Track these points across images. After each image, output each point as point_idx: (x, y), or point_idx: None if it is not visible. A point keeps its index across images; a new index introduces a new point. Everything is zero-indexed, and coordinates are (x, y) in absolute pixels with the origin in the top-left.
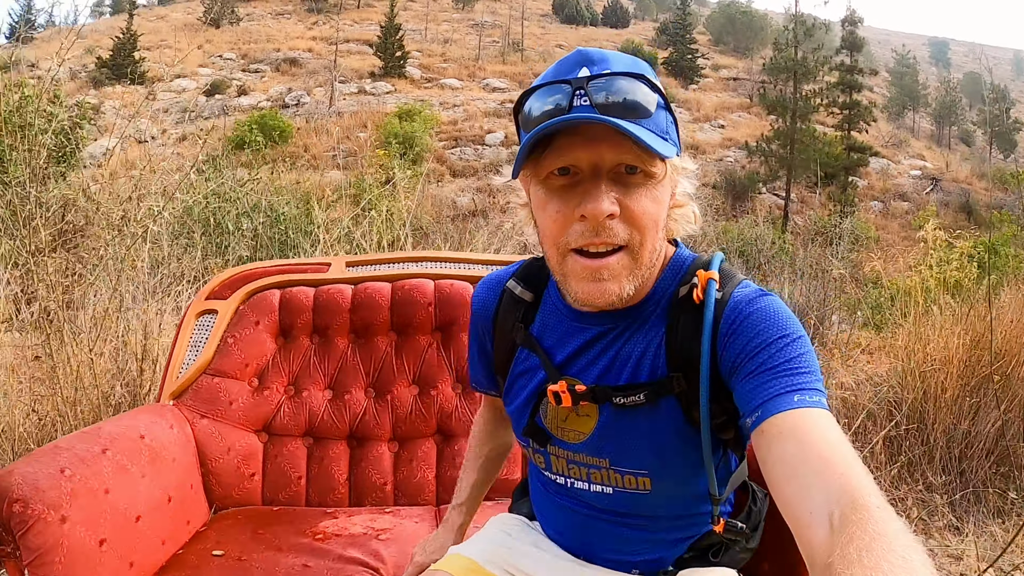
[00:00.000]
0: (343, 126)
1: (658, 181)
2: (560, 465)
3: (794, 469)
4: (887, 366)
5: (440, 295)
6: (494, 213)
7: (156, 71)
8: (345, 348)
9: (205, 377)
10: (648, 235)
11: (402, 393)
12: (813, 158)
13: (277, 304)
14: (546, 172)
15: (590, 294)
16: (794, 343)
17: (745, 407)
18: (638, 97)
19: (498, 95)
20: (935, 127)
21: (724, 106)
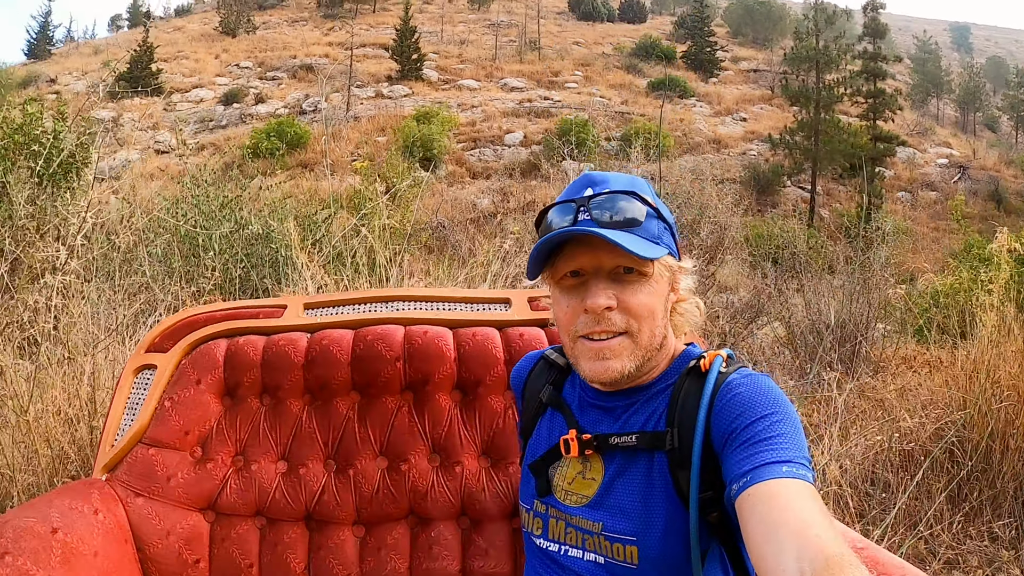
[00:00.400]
0: (361, 131)
1: (652, 279)
2: (558, 530)
3: (773, 530)
4: (942, 390)
5: (411, 346)
6: (507, 217)
7: (174, 82)
8: (300, 412)
9: (140, 447)
10: (644, 322)
11: (367, 467)
12: (838, 149)
13: (222, 358)
14: (560, 275)
15: (595, 371)
16: (784, 420)
17: (734, 474)
18: (630, 211)
19: (516, 94)
20: (959, 114)
21: (745, 99)
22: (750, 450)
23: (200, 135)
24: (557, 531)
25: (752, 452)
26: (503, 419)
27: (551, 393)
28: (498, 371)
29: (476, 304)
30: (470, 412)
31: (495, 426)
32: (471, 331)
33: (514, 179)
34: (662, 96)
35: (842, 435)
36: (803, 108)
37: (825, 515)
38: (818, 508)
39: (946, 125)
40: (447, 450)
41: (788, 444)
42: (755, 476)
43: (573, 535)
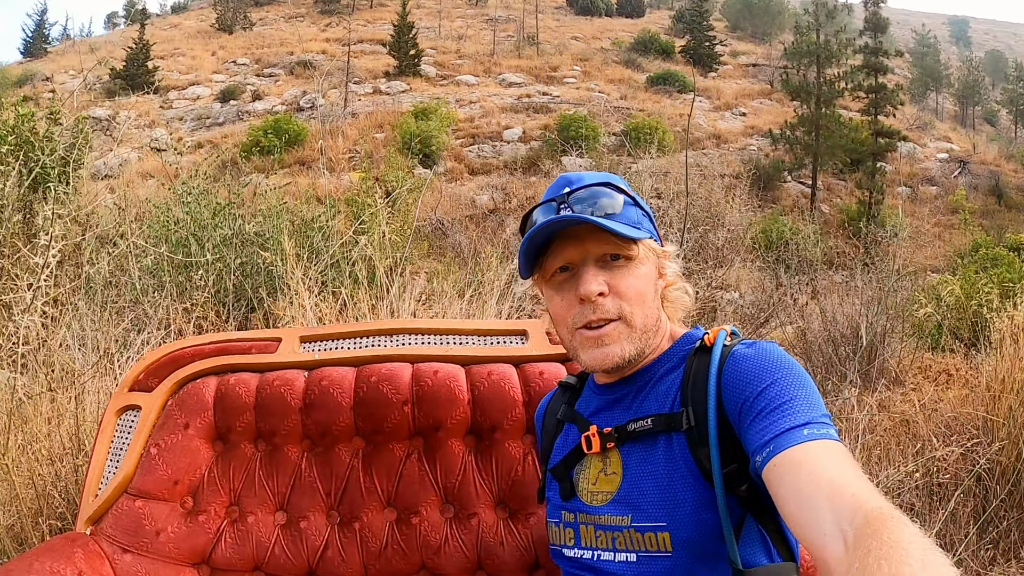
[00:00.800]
0: (359, 127)
1: (639, 261)
2: (588, 536)
3: (806, 495)
4: (965, 408)
5: (420, 388)
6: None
7: (170, 79)
8: (298, 459)
9: (126, 498)
10: (636, 305)
11: (374, 520)
12: (839, 144)
13: (211, 399)
14: (550, 272)
15: (595, 359)
16: (796, 382)
17: (755, 445)
18: (608, 201)
19: (515, 90)
20: (958, 108)
21: (745, 93)
22: (768, 419)
23: (197, 133)
24: (588, 537)
25: (770, 420)
26: (522, 466)
27: (565, 410)
28: (516, 414)
29: (490, 337)
30: (486, 459)
31: (514, 474)
32: (486, 369)
33: (513, 175)
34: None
35: (866, 456)
36: (803, 103)
37: (856, 471)
38: (848, 465)
39: (945, 119)
40: (461, 500)
41: (804, 405)
42: (777, 444)
43: (604, 537)
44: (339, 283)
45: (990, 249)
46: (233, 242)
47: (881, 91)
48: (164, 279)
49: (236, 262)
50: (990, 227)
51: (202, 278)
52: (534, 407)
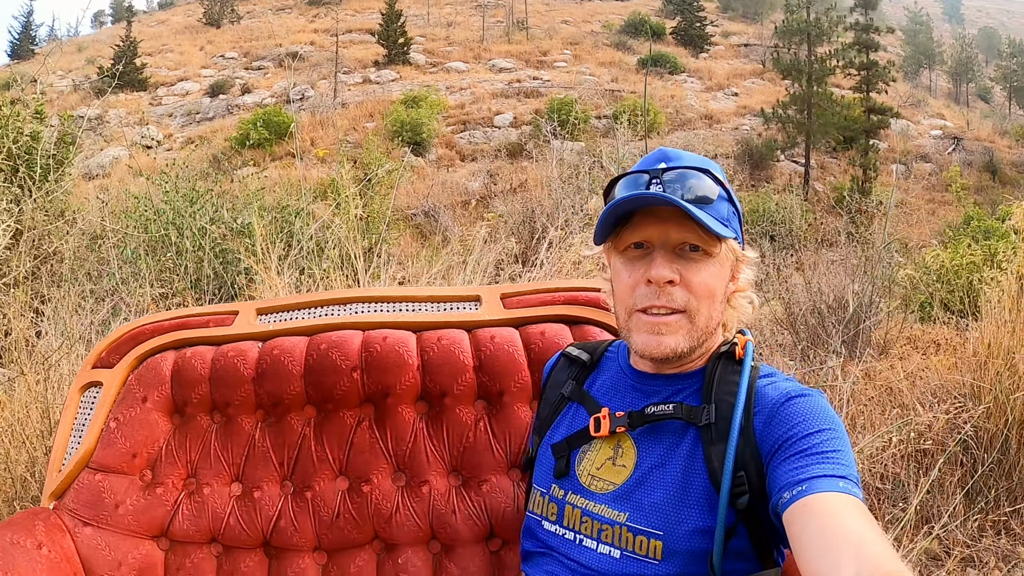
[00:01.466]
0: (349, 117)
1: (717, 259)
2: (574, 518)
3: (831, 544)
4: (951, 374)
5: (369, 355)
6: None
7: (159, 76)
8: (252, 429)
9: (87, 473)
10: (703, 302)
11: (326, 489)
12: (832, 122)
13: (168, 373)
14: (624, 245)
15: (649, 346)
16: (840, 439)
17: (786, 481)
18: (702, 187)
19: (505, 75)
20: (952, 85)
21: (736, 73)
22: (806, 459)
23: (187, 128)
24: (573, 518)
25: (809, 462)
26: (473, 432)
27: (573, 387)
28: (466, 379)
29: (443, 303)
30: (437, 426)
31: (465, 441)
32: (436, 335)
33: (505, 160)
34: (648, 72)
35: (849, 425)
36: (795, 81)
37: (881, 534)
38: (874, 526)
39: (939, 96)
40: (412, 468)
41: (844, 461)
42: (811, 486)
43: (590, 524)
44: (316, 267)
45: (981, 221)
46: (211, 229)
47: (873, 68)
48: (141, 265)
49: (216, 249)
50: (984, 202)
51: (180, 265)
52: (485, 372)
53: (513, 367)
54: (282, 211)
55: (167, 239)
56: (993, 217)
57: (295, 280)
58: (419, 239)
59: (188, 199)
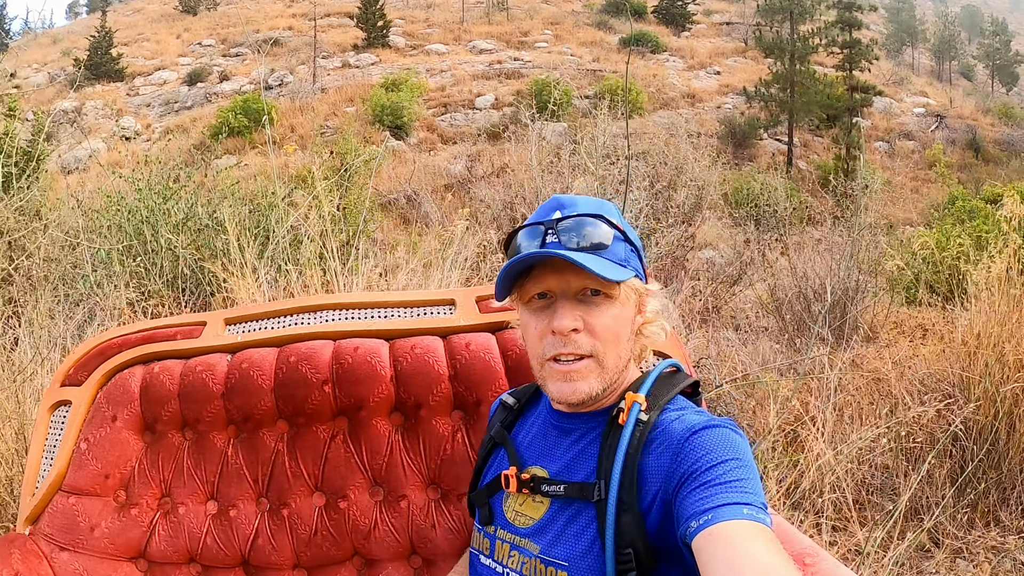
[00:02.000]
0: (329, 102)
1: (618, 301)
2: (502, 552)
3: (735, 571)
4: (940, 363)
5: (340, 367)
6: (480, 183)
7: (135, 66)
8: (224, 446)
9: (60, 496)
10: (609, 345)
11: (302, 506)
12: (815, 100)
13: (137, 390)
14: (528, 297)
15: (563, 393)
16: (745, 467)
17: (692, 511)
18: (596, 234)
19: (486, 56)
20: (935, 63)
21: (718, 52)
22: (712, 490)
23: (165, 118)
24: (501, 552)
25: (714, 492)
26: (451, 444)
27: (498, 430)
28: (442, 389)
29: (416, 309)
30: (413, 438)
31: (443, 453)
32: (409, 343)
33: (487, 143)
34: (631, 51)
35: (837, 416)
36: (778, 60)
37: (787, 560)
38: (778, 552)
39: (921, 74)
40: (390, 482)
41: (750, 489)
42: (716, 516)
43: (516, 558)
44: (294, 262)
45: (967, 202)
46: (187, 226)
47: (856, 46)
48: (116, 269)
49: (193, 246)
50: (968, 181)
51: (156, 264)
52: (461, 381)
53: (490, 375)
54: (258, 206)
55: (142, 237)
56: (978, 197)
57: (272, 278)
58: (401, 224)
59: (162, 195)
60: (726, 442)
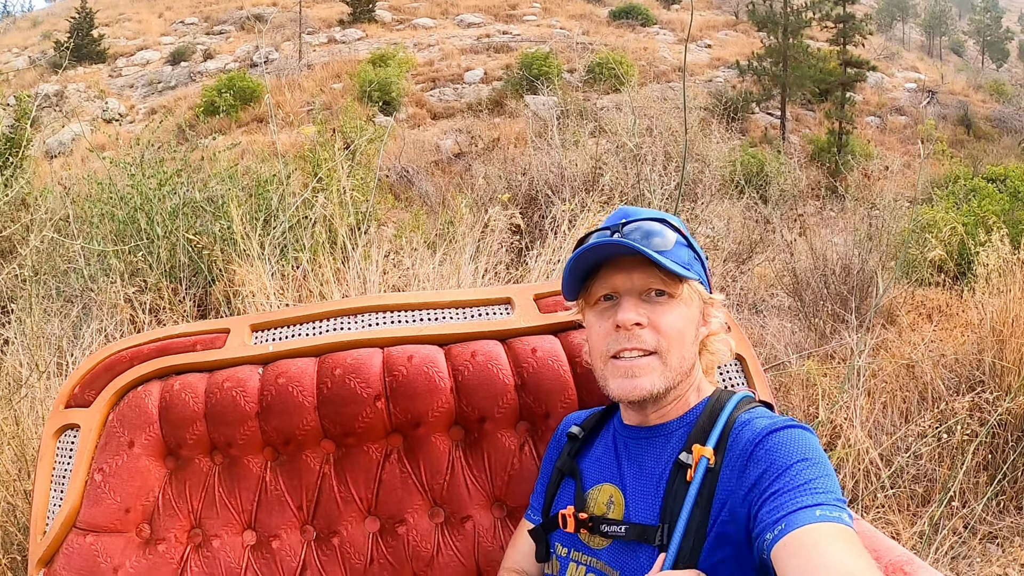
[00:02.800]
0: (316, 79)
1: (682, 301)
2: (577, 574)
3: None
4: (965, 348)
5: (393, 379)
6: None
7: (117, 47)
8: (262, 470)
9: (75, 535)
10: (673, 343)
11: (355, 533)
12: (807, 75)
13: (155, 411)
14: (595, 299)
15: (624, 390)
16: (816, 466)
17: (766, 522)
18: (661, 237)
19: (474, 30)
20: (925, 38)
21: (709, 25)
22: (782, 498)
23: (149, 99)
24: (577, 574)
25: (784, 500)
26: (518, 459)
27: (566, 460)
28: (508, 400)
29: (470, 309)
30: (476, 454)
31: (510, 468)
32: (469, 349)
33: (478, 117)
34: (620, 24)
35: (870, 402)
36: (770, 33)
37: (866, 560)
38: (858, 552)
39: (912, 49)
40: (452, 503)
41: (822, 488)
42: (789, 523)
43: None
44: (300, 247)
45: (968, 180)
46: (184, 212)
47: (849, 21)
48: (111, 262)
49: (190, 233)
50: (963, 157)
51: (152, 254)
52: (528, 391)
53: (559, 384)
54: (259, 187)
55: (136, 225)
56: (979, 176)
57: (277, 264)
58: (394, 201)
59: (156, 180)
60: (793, 444)
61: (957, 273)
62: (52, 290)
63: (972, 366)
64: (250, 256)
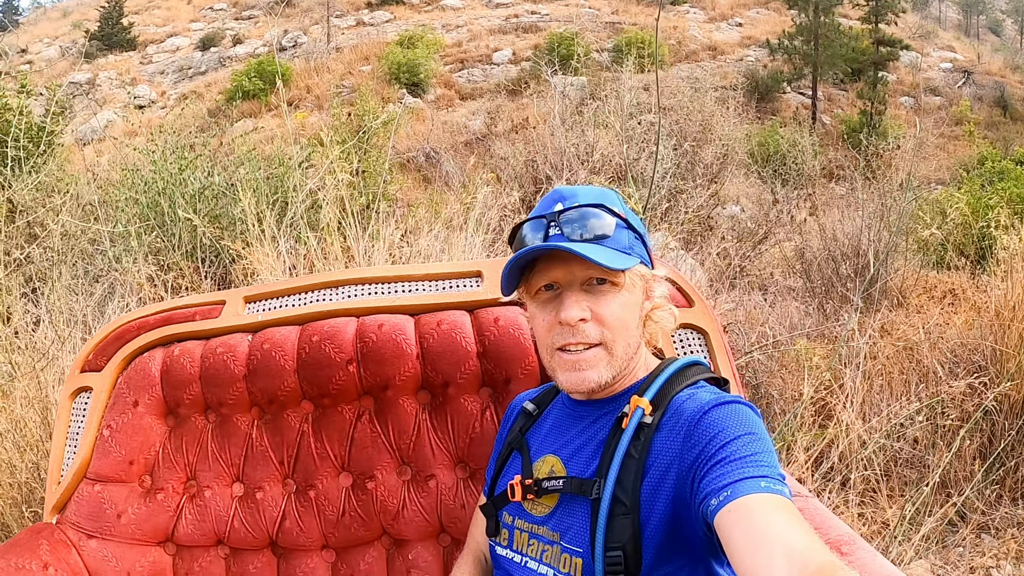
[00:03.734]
0: (344, 62)
1: (624, 288)
2: (521, 541)
3: (761, 543)
4: (971, 333)
5: (364, 345)
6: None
7: (147, 34)
8: (249, 428)
9: (86, 484)
10: (618, 333)
11: (330, 487)
12: (839, 54)
13: (158, 374)
14: (535, 289)
15: (572, 382)
16: (759, 441)
17: (711, 488)
18: (599, 224)
19: (502, 11)
20: (962, 17)
21: (740, 3)
22: (728, 467)
23: (180, 84)
24: (520, 542)
25: (730, 469)
26: (480, 422)
27: (516, 435)
28: (470, 367)
29: (441, 282)
30: (440, 417)
31: (471, 431)
32: (436, 319)
33: (506, 98)
34: (654, 4)
35: (867, 385)
36: (801, 11)
37: (808, 528)
38: (800, 521)
39: (948, 28)
40: (418, 462)
41: (766, 462)
42: (735, 491)
43: (535, 546)
44: (314, 228)
45: (997, 162)
46: (205, 195)
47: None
48: (133, 243)
49: (211, 215)
50: (996, 139)
51: (174, 235)
52: (489, 358)
53: (519, 352)
54: (274, 172)
55: (158, 209)
56: (1008, 158)
57: (291, 246)
58: (421, 183)
59: (177, 165)
60: (738, 417)
61: (977, 257)
62: (80, 271)
63: (973, 350)
64: (264, 238)
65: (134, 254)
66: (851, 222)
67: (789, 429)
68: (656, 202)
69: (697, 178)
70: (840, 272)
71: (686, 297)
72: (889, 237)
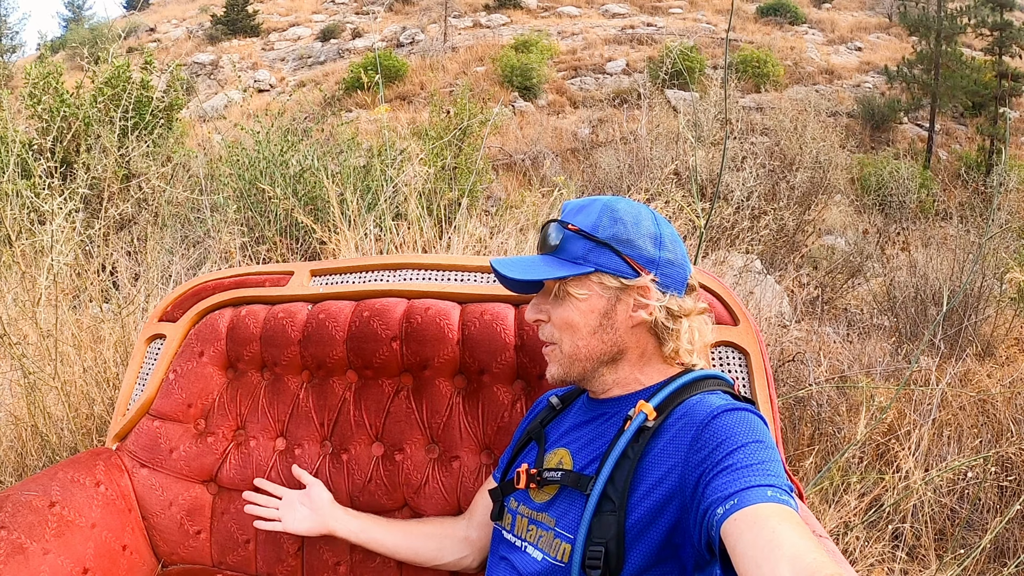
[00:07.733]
0: (459, 61)
1: (570, 295)
2: (521, 526)
3: (768, 552)
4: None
5: (409, 325)
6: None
7: (270, 22)
8: (298, 389)
9: (147, 419)
10: (564, 334)
11: (361, 453)
12: (959, 85)
13: (224, 330)
14: None
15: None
16: (767, 450)
17: (717, 496)
18: (551, 237)
19: (618, 21)
20: None
21: (860, 26)
22: (735, 474)
23: (299, 72)
24: (521, 527)
25: (736, 477)
26: (509, 413)
27: (536, 426)
28: (506, 358)
29: (492, 275)
30: (473, 402)
31: (500, 420)
32: (480, 308)
33: (614, 108)
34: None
35: (936, 434)
36: (922, 38)
37: (814, 539)
38: (807, 532)
39: None
40: (445, 442)
41: (773, 472)
42: (742, 500)
43: (534, 532)
44: (402, 217)
45: None
46: (305, 177)
47: (1006, 28)
48: (230, 214)
49: (307, 197)
50: None
51: (270, 211)
52: (527, 352)
53: None
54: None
55: (257, 185)
56: None
57: (377, 233)
58: (526, 184)
59: (280, 147)
60: (747, 424)
61: None
62: (180, 236)
63: None
64: (355, 224)
65: (229, 225)
66: (945, 260)
67: (838, 467)
68: (736, 220)
69: (782, 200)
70: (928, 313)
71: (731, 314)
72: (983, 281)
